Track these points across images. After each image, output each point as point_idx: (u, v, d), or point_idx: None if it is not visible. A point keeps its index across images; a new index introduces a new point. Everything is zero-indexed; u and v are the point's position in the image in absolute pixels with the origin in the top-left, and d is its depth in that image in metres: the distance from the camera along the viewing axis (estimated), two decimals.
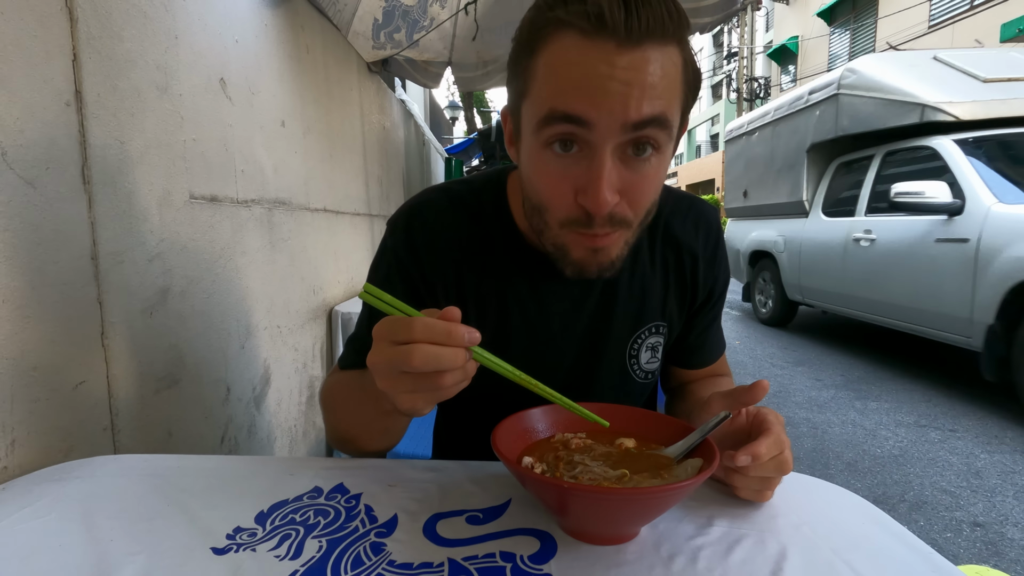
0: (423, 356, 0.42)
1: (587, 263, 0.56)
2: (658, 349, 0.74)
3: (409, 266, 0.66)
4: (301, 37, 1.77)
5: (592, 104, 0.47)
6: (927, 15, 10.32)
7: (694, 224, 0.72)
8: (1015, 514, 1.99)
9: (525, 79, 0.52)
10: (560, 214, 0.54)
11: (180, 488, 0.59)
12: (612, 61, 0.46)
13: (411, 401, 0.47)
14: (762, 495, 0.56)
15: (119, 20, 0.88)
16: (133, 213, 0.90)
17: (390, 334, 0.44)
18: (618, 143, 0.49)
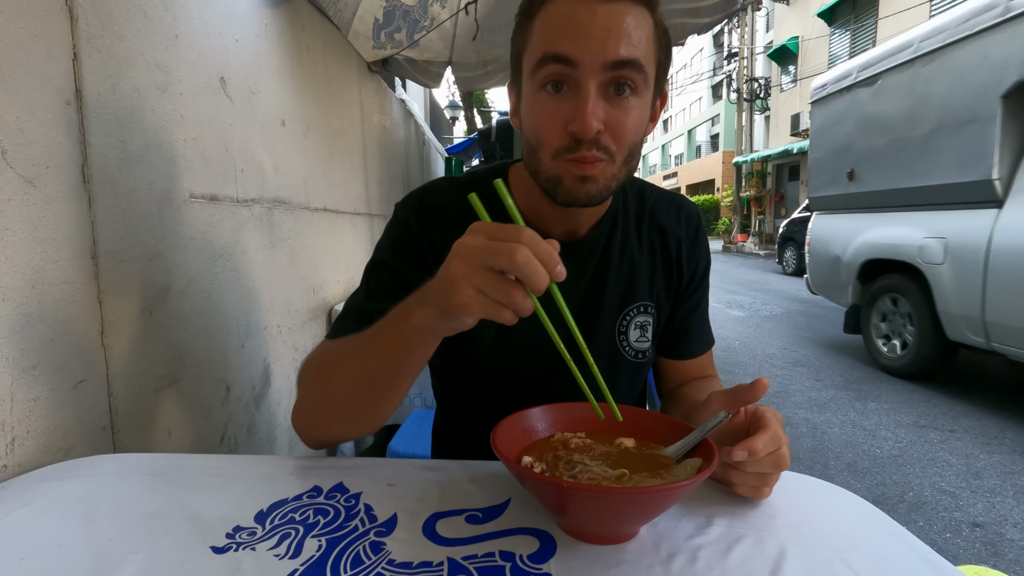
0: (525, 258, 0.42)
1: (576, 190, 0.62)
2: (647, 329, 0.78)
3: (420, 237, 0.71)
4: (301, 36, 1.77)
5: (576, 45, 0.56)
6: (927, 15, 10.32)
7: (676, 213, 0.81)
8: (1014, 515, 1.99)
9: (525, 38, 0.62)
10: (553, 144, 0.60)
11: (180, 487, 0.59)
12: (594, 10, 0.56)
13: (473, 298, 0.45)
14: (760, 492, 0.56)
15: (119, 19, 0.88)
16: (133, 212, 0.90)
17: (495, 231, 0.45)
18: (600, 81, 0.57)
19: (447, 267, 0.46)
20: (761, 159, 16.20)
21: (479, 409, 0.80)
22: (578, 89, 0.57)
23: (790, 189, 16.03)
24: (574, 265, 0.73)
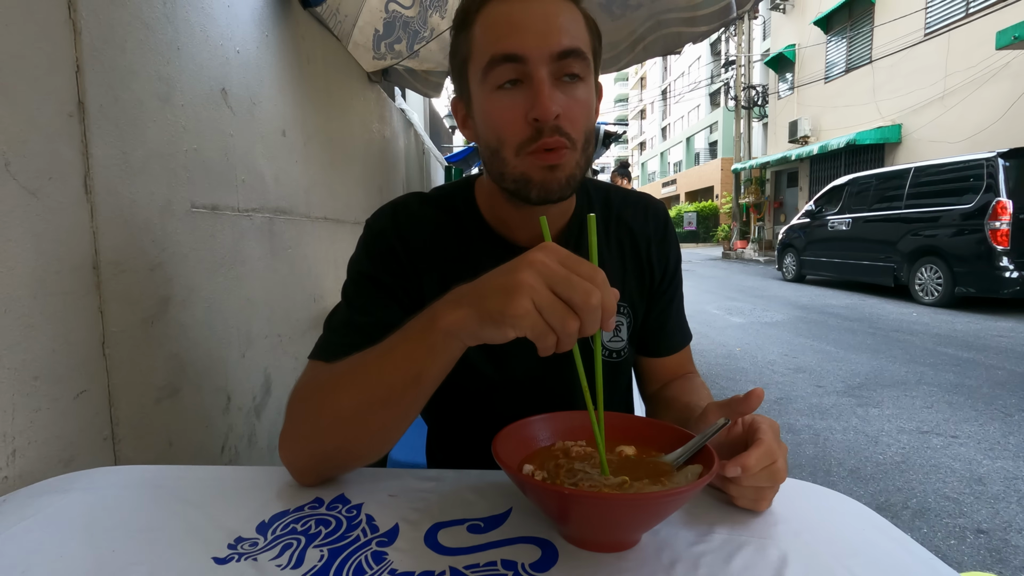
0: (597, 303, 0.43)
1: (547, 182, 0.63)
2: (620, 329, 0.79)
3: (395, 244, 0.72)
4: (302, 48, 1.79)
5: (522, 42, 0.59)
6: (923, 23, 10.39)
7: (643, 213, 0.82)
8: (1019, 521, 1.98)
9: (467, 47, 0.64)
10: (515, 139, 0.62)
11: (181, 499, 0.59)
12: (529, 8, 0.60)
13: (529, 312, 0.43)
14: (758, 504, 0.56)
15: (121, 32, 0.89)
16: (135, 223, 0.90)
17: (571, 262, 0.44)
18: (550, 70, 0.60)
19: (513, 273, 0.44)
20: (759, 166, 16.25)
21: (468, 426, 0.80)
22: (531, 80, 0.60)
23: (789, 196, 16.08)
24: None
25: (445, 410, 0.84)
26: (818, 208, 8.90)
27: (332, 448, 0.58)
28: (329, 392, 0.58)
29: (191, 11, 1.11)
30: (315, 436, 0.58)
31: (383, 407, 0.54)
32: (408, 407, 0.55)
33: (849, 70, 12.66)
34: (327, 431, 0.57)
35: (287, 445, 0.60)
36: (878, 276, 7.53)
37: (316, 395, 0.59)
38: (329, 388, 0.58)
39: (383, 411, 0.55)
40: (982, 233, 5.87)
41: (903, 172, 7.30)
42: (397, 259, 0.71)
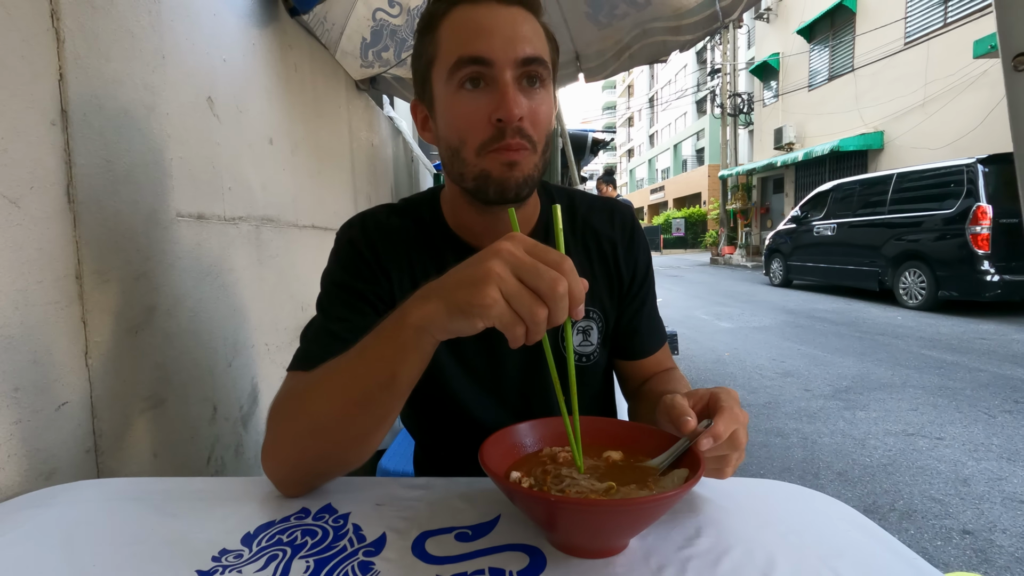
0: (564, 291, 0.43)
1: (506, 180, 0.63)
2: (589, 333, 0.79)
3: (366, 252, 0.73)
4: (289, 56, 1.78)
5: (490, 46, 0.61)
6: (903, 32, 10.60)
7: (609, 216, 0.82)
8: (1003, 521, 2.00)
9: (433, 49, 0.65)
10: (477, 139, 0.63)
11: (165, 512, 0.58)
12: (496, 14, 0.62)
13: (497, 301, 0.43)
14: (722, 473, 0.56)
15: (106, 40, 0.88)
16: (119, 232, 0.89)
17: (539, 251, 0.45)
18: (515, 74, 0.62)
19: (480, 264, 0.44)
20: (746, 172, 16.44)
21: (454, 438, 0.80)
22: (497, 83, 0.61)
23: (775, 201, 16.26)
24: None
25: (428, 423, 0.84)
26: (804, 214, 9.01)
27: (312, 456, 0.57)
28: (306, 400, 0.57)
29: (177, 20, 1.11)
30: (295, 445, 0.57)
31: (360, 411, 0.54)
32: (385, 409, 0.54)
33: (832, 78, 12.87)
34: (306, 439, 0.56)
35: (268, 457, 0.59)
36: (863, 280, 7.63)
37: (293, 404, 0.59)
38: (306, 396, 0.57)
39: (360, 415, 0.54)
40: (963, 237, 5.98)
41: (886, 178, 7.42)
42: (368, 266, 0.73)
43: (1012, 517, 2.03)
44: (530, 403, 0.78)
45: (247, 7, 1.48)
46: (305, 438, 0.56)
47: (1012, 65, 0.51)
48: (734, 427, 0.53)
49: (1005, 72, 0.52)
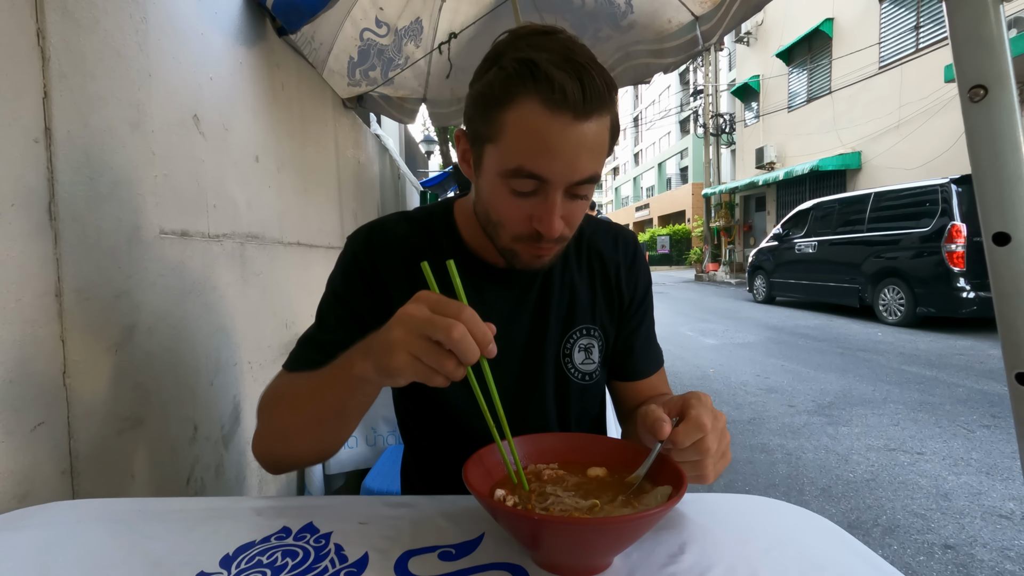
0: (461, 336, 0.47)
1: (532, 263, 0.70)
2: (591, 351, 0.81)
3: (365, 266, 0.76)
4: (276, 74, 1.79)
5: (549, 167, 0.60)
6: (877, 57, 10.94)
7: (613, 240, 0.86)
8: (984, 535, 2.03)
9: (492, 127, 0.62)
10: (514, 231, 0.66)
11: (142, 533, 0.57)
12: (568, 133, 0.59)
13: (407, 363, 0.49)
14: (700, 479, 0.56)
15: (92, 59, 0.89)
16: (100, 249, 0.88)
17: (439, 304, 0.49)
18: (565, 191, 0.63)
19: (389, 331, 0.50)
20: (729, 191, 16.72)
21: (446, 444, 0.80)
22: (547, 196, 0.62)
23: (757, 219, 16.53)
24: (517, 291, 0.79)
25: (420, 428, 0.84)
26: (785, 231, 9.17)
27: (281, 452, 0.68)
28: (277, 409, 0.68)
29: (164, 39, 1.11)
30: (271, 441, 0.68)
31: (317, 427, 0.63)
32: (339, 429, 0.64)
33: (811, 100, 13.21)
34: (277, 439, 0.67)
35: (255, 444, 0.70)
36: (844, 297, 7.76)
37: (271, 410, 0.68)
38: (278, 405, 0.68)
39: (317, 430, 0.63)
40: (939, 255, 6.12)
41: (864, 197, 7.59)
42: (365, 280, 0.75)
43: (992, 531, 2.05)
44: (525, 412, 0.79)
45: (235, 26, 1.49)
46: (277, 439, 0.67)
47: (968, 96, 0.53)
48: (698, 435, 0.54)
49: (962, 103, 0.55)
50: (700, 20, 2.17)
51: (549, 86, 0.57)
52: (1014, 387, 0.60)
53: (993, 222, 0.57)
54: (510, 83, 0.59)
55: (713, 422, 0.55)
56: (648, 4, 2.22)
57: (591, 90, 0.57)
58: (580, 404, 0.82)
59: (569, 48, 0.59)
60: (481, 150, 0.66)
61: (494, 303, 0.78)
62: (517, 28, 0.63)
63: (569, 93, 0.56)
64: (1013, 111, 0.52)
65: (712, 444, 0.54)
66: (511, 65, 0.59)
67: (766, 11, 14.33)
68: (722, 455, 0.57)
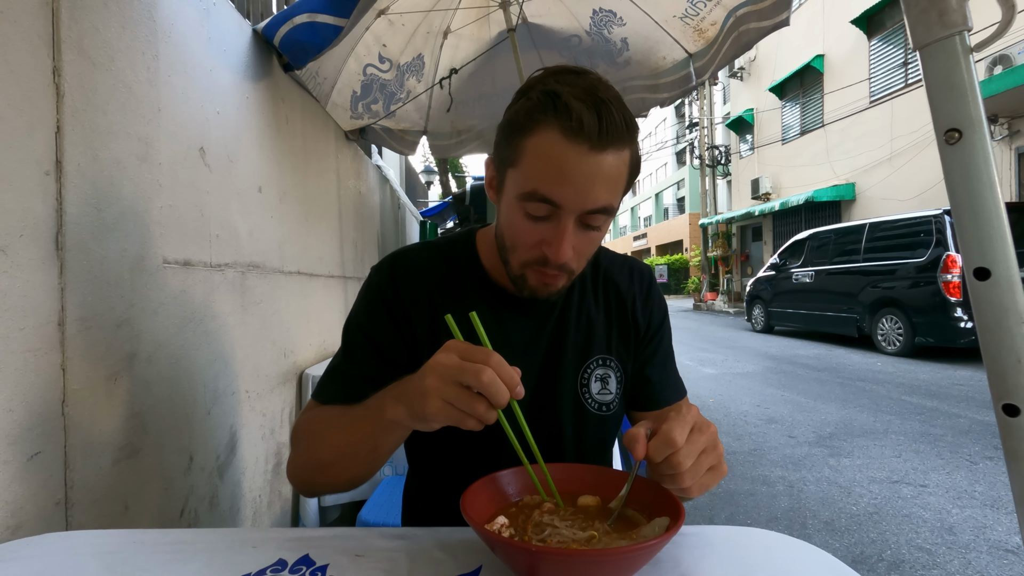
0: (491, 379, 0.50)
1: (539, 291, 0.72)
2: (608, 381, 0.82)
3: (390, 297, 0.77)
4: (281, 108, 1.84)
5: (564, 193, 0.62)
6: (868, 91, 11.21)
7: (629, 272, 0.88)
8: (991, 571, 1.99)
9: (514, 152, 0.66)
10: (524, 256, 0.69)
11: (135, 566, 0.57)
12: (583, 161, 0.61)
13: (441, 409, 0.52)
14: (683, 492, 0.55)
15: (104, 94, 0.91)
16: (104, 278, 0.90)
17: (467, 352, 0.52)
18: (577, 218, 0.65)
19: (422, 379, 0.53)
20: (725, 221, 16.89)
21: (452, 468, 0.80)
22: (558, 222, 0.64)
23: (754, 249, 16.65)
24: (536, 320, 0.81)
25: (429, 456, 0.84)
26: (782, 261, 9.23)
27: (318, 480, 0.71)
28: (312, 442, 0.71)
29: (174, 75, 1.15)
30: (305, 471, 0.71)
31: (351, 462, 0.67)
32: (370, 464, 0.66)
33: (804, 132, 13.47)
34: (312, 470, 0.70)
35: (289, 470, 0.73)
36: (842, 327, 7.76)
37: (305, 440, 0.72)
38: (312, 438, 0.71)
39: (351, 464, 0.67)
40: (936, 285, 6.15)
41: (859, 227, 7.67)
42: (390, 311, 0.77)
43: (999, 567, 2.01)
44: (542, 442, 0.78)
45: (242, 63, 1.54)
46: (311, 469, 0.70)
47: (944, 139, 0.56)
48: (667, 451, 0.52)
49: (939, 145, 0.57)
50: (694, 57, 2.24)
51: (568, 115, 0.60)
52: (1002, 418, 0.61)
53: (973, 258, 0.58)
54: (533, 112, 0.63)
55: (693, 436, 0.54)
56: (643, 42, 2.29)
57: (608, 123, 0.60)
58: (598, 434, 0.82)
59: (594, 86, 0.62)
60: (504, 174, 0.69)
61: (513, 332, 0.79)
62: (551, 67, 0.67)
63: (586, 123, 0.59)
64: (987, 153, 0.55)
65: (684, 460, 0.52)
66: (537, 96, 0.63)
67: (758, 48, 14.74)
68: (709, 469, 0.55)
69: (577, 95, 0.60)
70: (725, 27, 1.97)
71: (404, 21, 2.24)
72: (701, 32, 2.15)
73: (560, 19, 2.36)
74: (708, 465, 0.55)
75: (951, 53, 0.57)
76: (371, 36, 2.17)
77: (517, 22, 2.29)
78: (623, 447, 0.93)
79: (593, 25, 2.30)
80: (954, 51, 0.57)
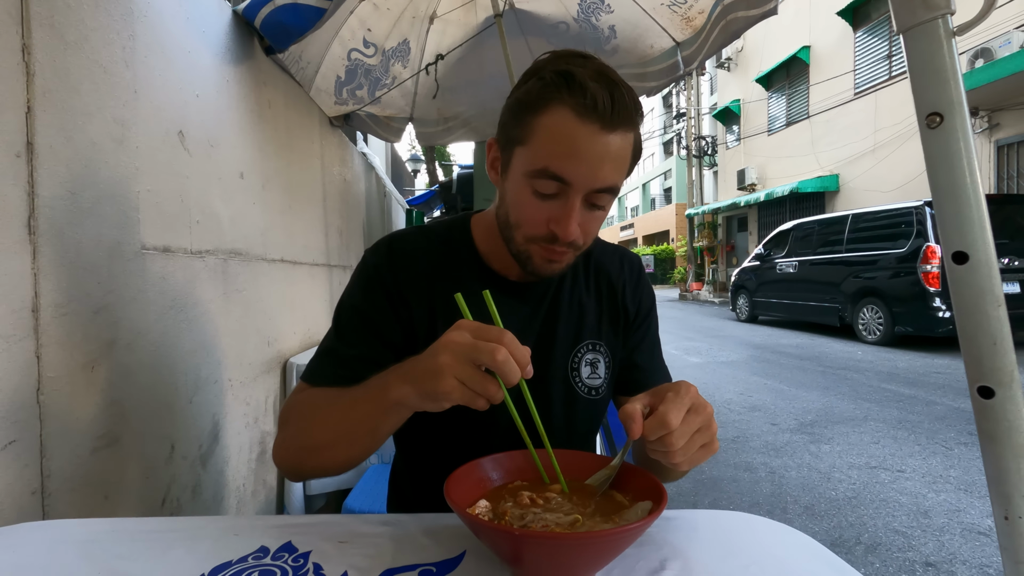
0: (505, 358, 0.49)
1: (543, 269, 0.72)
2: (597, 366, 0.83)
3: (387, 279, 0.76)
4: (263, 92, 1.80)
5: (574, 170, 0.63)
6: (852, 83, 11.31)
7: (619, 260, 0.90)
8: (963, 552, 2.05)
9: (524, 131, 0.66)
10: (530, 232, 0.69)
11: (114, 554, 0.56)
12: (594, 140, 0.62)
13: (454, 388, 0.51)
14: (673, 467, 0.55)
15: (77, 75, 0.89)
16: (80, 264, 0.88)
17: (480, 331, 0.52)
18: (585, 197, 0.66)
19: (435, 357, 0.52)
20: (711, 211, 17.00)
21: (441, 454, 0.80)
22: (567, 200, 0.65)
23: (739, 239, 16.80)
24: (530, 305, 0.81)
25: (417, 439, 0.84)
26: (767, 251, 9.33)
27: (309, 464, 0.69)
28: (305, 423, 0.69)
29: (151, 55, 1.12)
30: (297, 454, 0.69)
31: (347, 445, 0.65)
32: (368, 446, 0.65)
33: (789, 124, 13.57)
34: (305, 453, 0.69)
35: (276, 453, 0.72)
36: (825, 316, 7.88)
37: (296, 423, 0.70)
38: (306, 420, 0.69)
39: (347, 447, 0.65)
40: (916, 276, 6.26)
41: (842, 218, 7.77)
42: (388, 294, 0.76)
43: (972, 548, 2.07)
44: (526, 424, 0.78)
45: (222, 45, 1.50)
46: (304, 453, 0.69)
47: (926, 123, 0.56)
48: (662, 431, 0.53)
49: (920, 129, 0.58)
50: (681, 46, 2.24)
51: (582, 94, 0.61)
52: (977, 400, 0.62)
53: (952, 242, 0.59)
54: (546, 91, 0.63)
55: (689, 416, 0.55)
56: (631, 30, 2.28)
57: (620, 104, 0.62)
58: (586, 418, 0.84)
59: (605, 68, 0.64)
60: (511, 153, 0.69)
61: (506, 315, 0.78)
62: (558, 51, 0.68)
63: (600, 103, 0.60)
64: (967, 137, 0.55)
65: (677, 441, 0.53)
66: (549, 75, 0.63)
67: (745, 38, 14.77)
68: (701, 447, 0.56)
69: (591, 76, 0.61)
70: (712, 16, 1.96)
71: (389, 5, 2.20)
72: (689, 20, 2.14)
73: (548, 5, 2.34)
74: (700, 443, 0.56)
75: (934, 36, 0.57)
76: (356, 20, 2.13)
77: (504, 8, 2.26)
78: (606, 429, 0.94)
79: (581, 12, 2.28)
80: (937, 34, 0.57)
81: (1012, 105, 7.97)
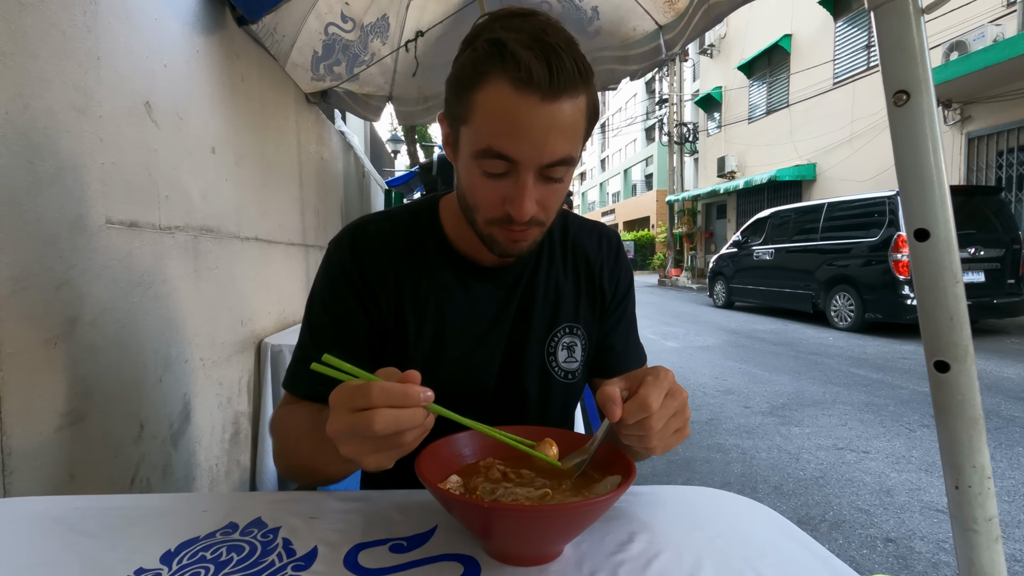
0: (384, 420, 0.45)
1: (509, 249, 0.68)
2: (574, 349, 0.82)
3: (354, 275, 0.74)
4: (236, 65, 1.75)
5: (519, 149, 0.59)
6: (831, 73, 11.43)
7: (597, 239, 0.87)
8: (922, 529, 2.13)
9: (464, 109, 0.62)
10: (488, 215, 0.65)
11: (78, 531, 0.55)
12: (535, 113, 0.57)
13: (376, 461, 0.49)
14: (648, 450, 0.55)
15: (35, 38, 0.85)
16: (40, 237, 0.84)
17: (349, 401, 0.47)
18: (536, 172, 0.62)
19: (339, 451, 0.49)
20: (691, 198, 17.13)
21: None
22: (517, 178, 0.61)
23: (718, 227, 17.00)
24: (504, 289, 0.79)
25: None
26: (744, 239, 9.46)
27: (299, 480, 0.70)
28: (287, 446, 0.70)
29: (116, 22, 1.07)
30: (285, 470, 0.71)
31: (323, 477, 0.66)
32: (343, 476, 0.66)
33: (770, 112, 13.69)
34: (290, 472, 0.70)
35: (275, 460, 0.73)
36: (799, 303, 8.05)
37: (279, 441, 0.72)
38: (286, 441, 0.70)
39: (324, 477, 0.66)
40: (887, 264, 6.42)
41: (818, 207, 7.90)
42: (355, 290, 0.74)
43: (930, 525, 2.16)
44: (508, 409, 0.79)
45: (191, 13, 1.45)
46: (289, 471, 0.70)
47: (893, 100, 0.57)
48: (641, 415, 0.52)
49: (888, 107, 0.59)
50: (664, 29, 2.23)
51: (515, 66, 0.56)
52: (933, 375, 0.64)
53: (915, 219, 0.60)
54: (480, 64, 0.58)
55: (666, 401, 0.54)
56: (614, 11, 2.26)
57: (559, 70, 0.56)
58: (563, 402, 0.83)
59: (543, 29, 0.58)
60: (458, 132, 0.65)
61: (480, 301, 0.78)
62: (497, 11, 0.62)
63: (536, 73, 0.56)
64: (932, 116, 0.56)
65: (656, 424, 0.53)
66: (482, 46, 0.59)
67: (728, 24, 14.78)
68: (675, 431, 0.56)
69: (524, 42, 0.56)
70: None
71: None
72: (671, 3, 2.13)
73: None
74: (675, 428, 0.55)
75: (903, 14, 0.57)
76: None
77: None
78: (585, 410, 0.94)
79: None
80: (907, 11, 0.57)
81: (984, 98, 8.14)
